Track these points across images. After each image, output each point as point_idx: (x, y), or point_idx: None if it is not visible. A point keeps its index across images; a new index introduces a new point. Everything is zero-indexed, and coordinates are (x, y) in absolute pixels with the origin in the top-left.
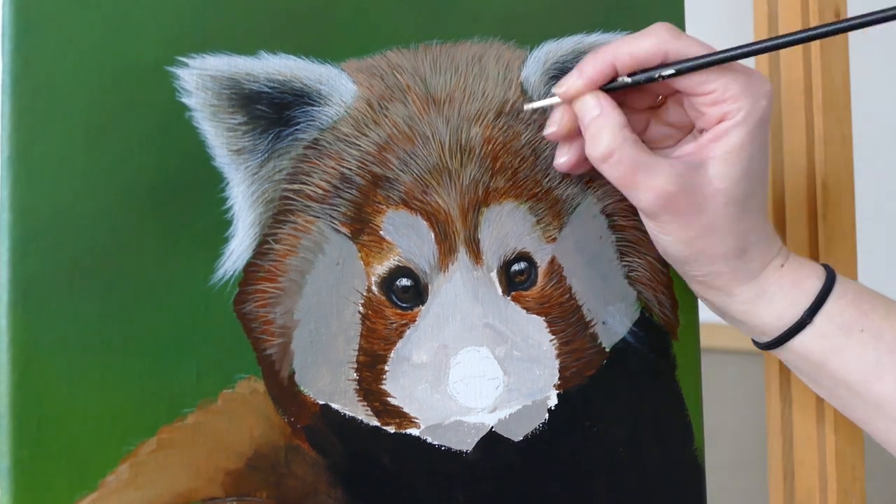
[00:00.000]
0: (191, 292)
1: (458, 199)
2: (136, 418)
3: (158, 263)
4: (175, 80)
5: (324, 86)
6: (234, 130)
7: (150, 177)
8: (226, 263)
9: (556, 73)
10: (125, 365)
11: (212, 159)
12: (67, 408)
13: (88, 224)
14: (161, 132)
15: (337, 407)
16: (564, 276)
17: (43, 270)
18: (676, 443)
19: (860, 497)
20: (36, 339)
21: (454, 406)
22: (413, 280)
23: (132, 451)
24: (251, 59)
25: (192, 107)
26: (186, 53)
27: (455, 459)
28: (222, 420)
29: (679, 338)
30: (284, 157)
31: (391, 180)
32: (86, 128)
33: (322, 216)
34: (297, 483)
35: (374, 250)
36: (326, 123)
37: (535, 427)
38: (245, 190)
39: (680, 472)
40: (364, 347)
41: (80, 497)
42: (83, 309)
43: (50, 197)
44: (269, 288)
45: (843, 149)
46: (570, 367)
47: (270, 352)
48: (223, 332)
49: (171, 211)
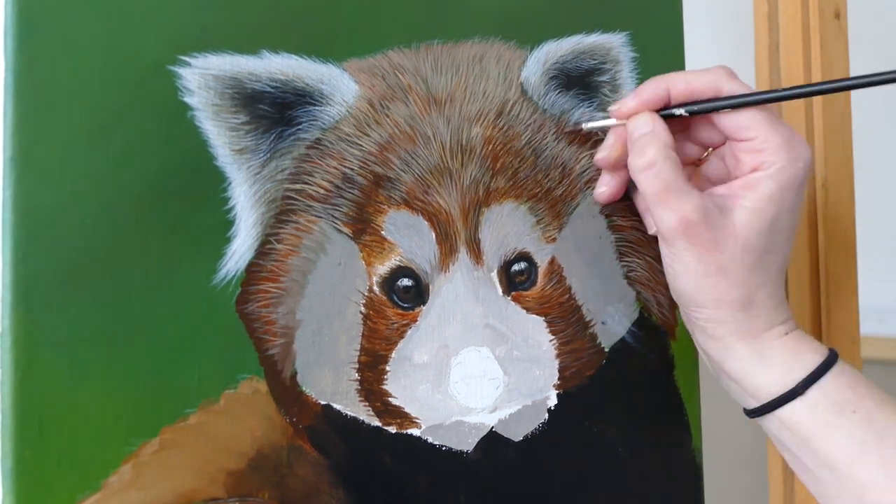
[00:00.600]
0: (193, 292)
1: (458, 200)
2: (138, 418)
3: (160, 263)
4: (177, 80)
5: (326, 85)
6: (237, 130)
7: (152, 177)
8: (228, 263)
9: (556, 73)
10: (127, 365)
11: (214, 159)
12: (69, 408)
13: (90, 224)
14: (163, 132)
15: (339, 407)
16: (564, 276)
17: (45, 271)
18: (675, 443)
19: None
20: (38, 340)
21: (455, 406)
22: (414, 280)
23: (134, 451)
24: (253, 58)
25: (194, 106)
26: (189, 53)
27: (456, 459)
28: (224, 420)
29: (677, 338)
30: (286, 156)
31: (393, 180)
32: (88, 127)
33: (324, 216)
34: (298, 483)
35: (375, 250)
36: (328, 123)
37: (535, 427)
38: (247, 190)
39: (678, 472)
40: (366, 347)
41: (83, 497)
42: (85, 309)
43: (52, 197)
44: (271, 288)
45: (843, 149)
46: (569, 367)
47: (273, 352)
48: (225, 332)
49: (174, 211)
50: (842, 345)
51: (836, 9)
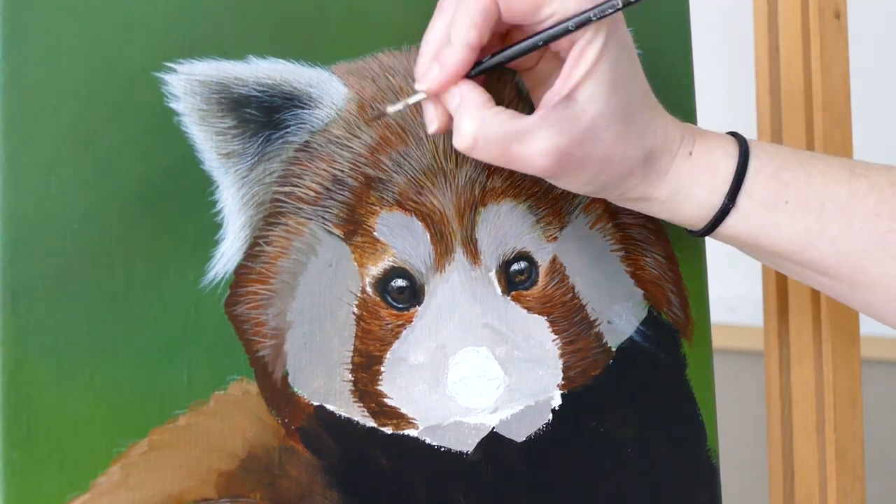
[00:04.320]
0: (181, 295)
1: (453, 200)
2: (126, 420)
3: (148, 266)
4: (163, 86)
5: (314, 89)
6: (224, 134)
7: (138, 181)
8: (216, 266)
9: None
10: (115, 367)
11: (201, 163)
12: (58, 409)
13: (77, 228)
14: (149, 137)
15: (332, 408)
16: (567, 275)
17: (32, 274)
18: (688, 443)
19: (860, 497)
20: (26, 342)
21: (453, 407)
22: (408, 281)
23: (123, 452)
24: (240, 63)
25: (180, 112)
26: (174, 59)
27: (455, 460)
28: (214, 421)
29: (689, 336)
30: (275, 159)
31: (384, 182)
32: (74, 133)
33: (314, 218)
34: (291, 484)
35: (367, 251)
36: (317, 126)
37: (539, 427)
38: (235, 193)
39: (692, 474)
40: (359, 348)
41: (71, 498)
42: (73, 312)
43: (39, 202)
44: (260, 290)
45: (843, 149)
46: (574, 366)
47: (263, 353)
48: (214, 334)
49: (161, 214)
50: (842, 345)
51: (836, 9)
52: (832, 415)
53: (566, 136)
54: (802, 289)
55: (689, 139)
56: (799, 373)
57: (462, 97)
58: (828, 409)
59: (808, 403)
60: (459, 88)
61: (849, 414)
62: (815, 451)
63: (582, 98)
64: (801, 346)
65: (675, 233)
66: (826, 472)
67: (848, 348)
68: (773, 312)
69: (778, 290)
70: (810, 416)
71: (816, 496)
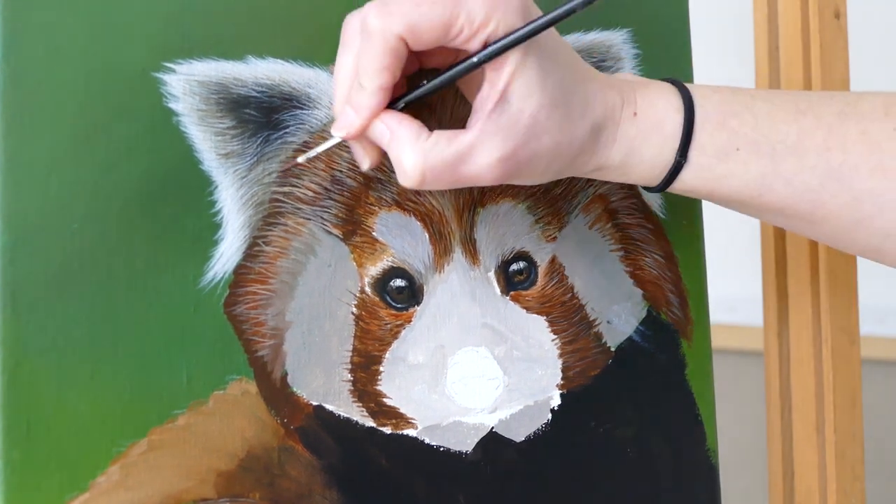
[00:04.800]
0: (180, 295)
1: (452, 200)
2: (126, 420)
3: (147, 266)
4: (162, 86)
5: (312, 89)
6: (223, 134)
7: (138, 181)
8: (215, 266)
9: None
10: (115, 367)
11: (200, 163)
12: (57, 409)
13: (77, 228)
14: (148, 137)
15: (331, 408)
16: (566, 275)
17: (32, 274)
18: (687, 443)
19: (860, 497)
20: (25, 342)
21: (452, 406)
22: (407, 280)
23: (123, 452)
24: (239, 63)
25: (179, 112)
26: (173, 59)
27: (455, 460)
28: (214, 421)
29: (689, 336)
30: (274, 160)
31: (383, 182)
32: (74, 133)
33: (313, 218)
34: (291, 484)
35: (366, 251)
36: (316, 126)
37: (538, 427)
38: (234, 193)
39: (692, 474)
40: (358, 348)
41: (71, 498)
42: (72, 312)
43: (38, 202)
44: (259, 290)
45: None
46: (573, 366)
47: (262, 353)
48: (214, 334)
49: (160, 215)
50: (842, 345)
51: (836, 9)
52: (832, 415)
53: (510, 141)
54: (802, 289)
55: (631, 99)
56: (799, 373)
57: (392, 132)
58: (827, 409)
59: (807, 403)
60: (385, 123)
61: (849, 414)
62: (814, 452)
63: (515, 97)
64: (801, 346)
65: (674, 233)
66: (826, 473)
67: (848, 348)
68: (772, 312)
69: (778, 290)
70: (810, 417)
71: (816, 496)
